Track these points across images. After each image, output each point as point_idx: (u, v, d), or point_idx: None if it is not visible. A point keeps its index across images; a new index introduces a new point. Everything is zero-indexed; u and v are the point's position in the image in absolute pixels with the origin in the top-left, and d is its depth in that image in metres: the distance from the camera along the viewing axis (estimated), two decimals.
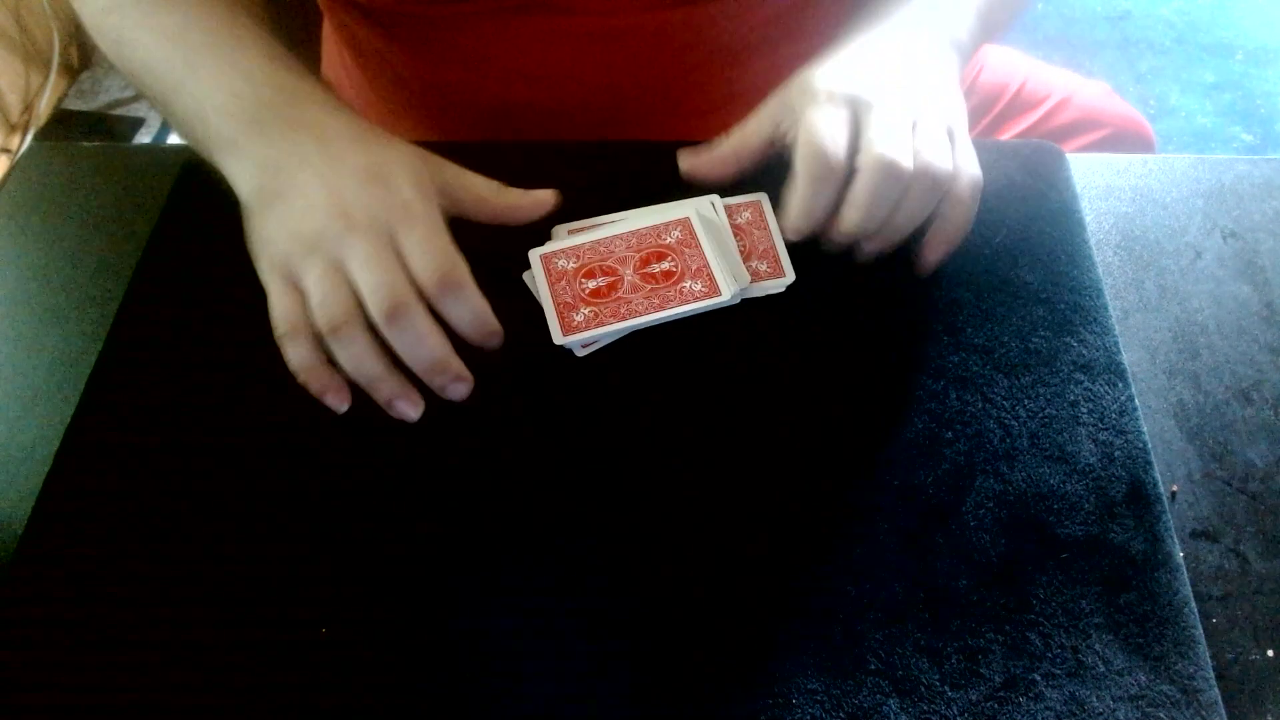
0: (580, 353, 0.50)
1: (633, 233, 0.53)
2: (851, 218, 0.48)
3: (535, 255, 0.52)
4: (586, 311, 0.50)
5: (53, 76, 1.69)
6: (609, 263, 0.52)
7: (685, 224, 0.52)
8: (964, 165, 0.50)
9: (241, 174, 0.48)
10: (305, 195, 0.46)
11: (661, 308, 0.50)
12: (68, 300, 0.55)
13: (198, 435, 0.48)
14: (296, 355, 0.46)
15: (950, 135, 0.50)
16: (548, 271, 0.52)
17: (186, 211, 0.57)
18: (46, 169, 0.62)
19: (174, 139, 1.70)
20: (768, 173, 0.54)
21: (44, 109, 1.69)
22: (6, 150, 1.62)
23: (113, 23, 0.54)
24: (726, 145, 0.53)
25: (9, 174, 0.62)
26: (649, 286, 0.51)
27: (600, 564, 0.44)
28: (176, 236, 0.56)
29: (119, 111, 1.74)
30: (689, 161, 0.54)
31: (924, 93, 0.50)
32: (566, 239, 0.53)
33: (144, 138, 1.69)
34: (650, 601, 0.43)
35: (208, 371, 0.50)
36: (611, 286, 0.51)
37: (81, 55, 1.80)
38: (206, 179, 0.60)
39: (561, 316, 0.50)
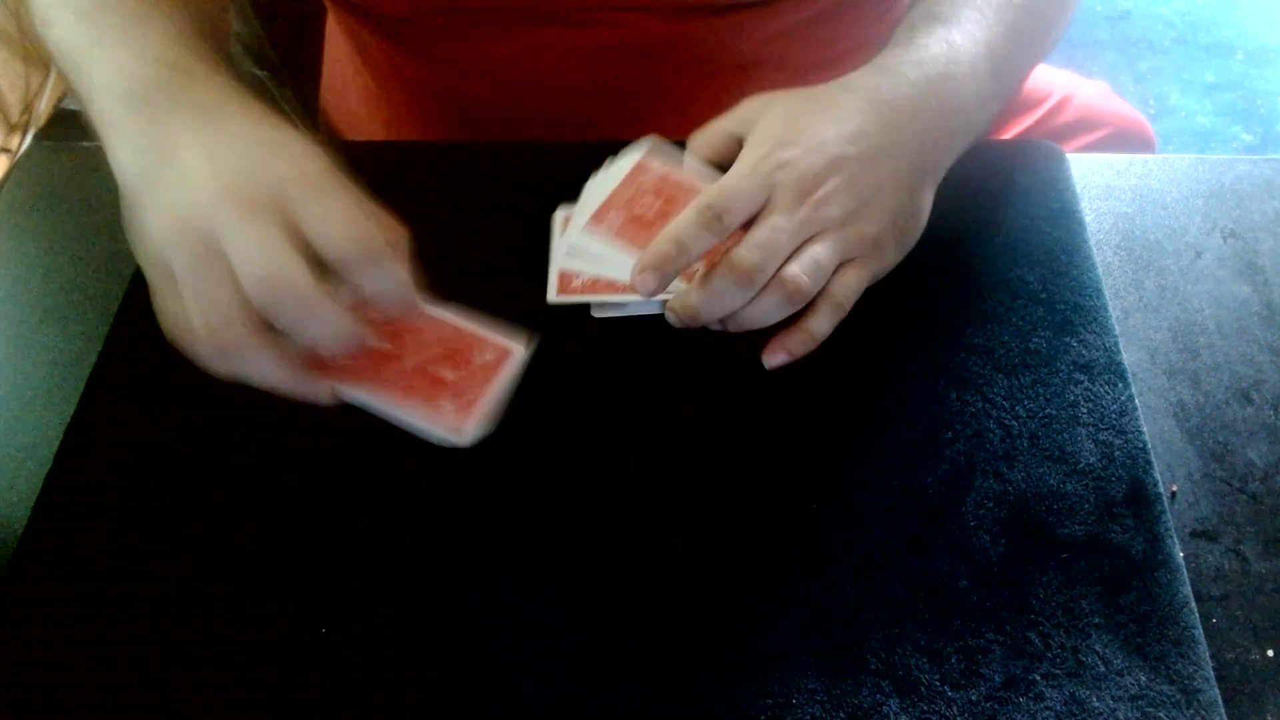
0: (554, 299, 0.50)
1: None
2: (689, 299, 0.46)
3: (562, 209, 0.53)
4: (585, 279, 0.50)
5: (53, 76, 1.69)
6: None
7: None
8: (838, 290, 0.47)
9: (121, 157, 0.42)
10: (184, 174, 0.40)
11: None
12: (68, 300, 0.55)
13: (197, 435, 0.48)
14: (208, 360, 0.40)
15: (851, 249, 0.47)
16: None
17: None
18: (46, 169, 0.62)
19: None
20: None
21: (44, 109, 1.69)
22: (6, 150, 1.62)
23: (38, 1, 0.50)
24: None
25: (9, 174, 0.62)
26: None
27: (599, 563, 0.44)
28: None
29: None
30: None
31: (867, 192, 0.47)
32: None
33: None
34: (649, 601, 0.43)
35: (207, 371, 0.50)
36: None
37: None
38: None
39: (561, 277, 0.51)
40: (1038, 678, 0.40)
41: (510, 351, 0.47)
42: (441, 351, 0.46)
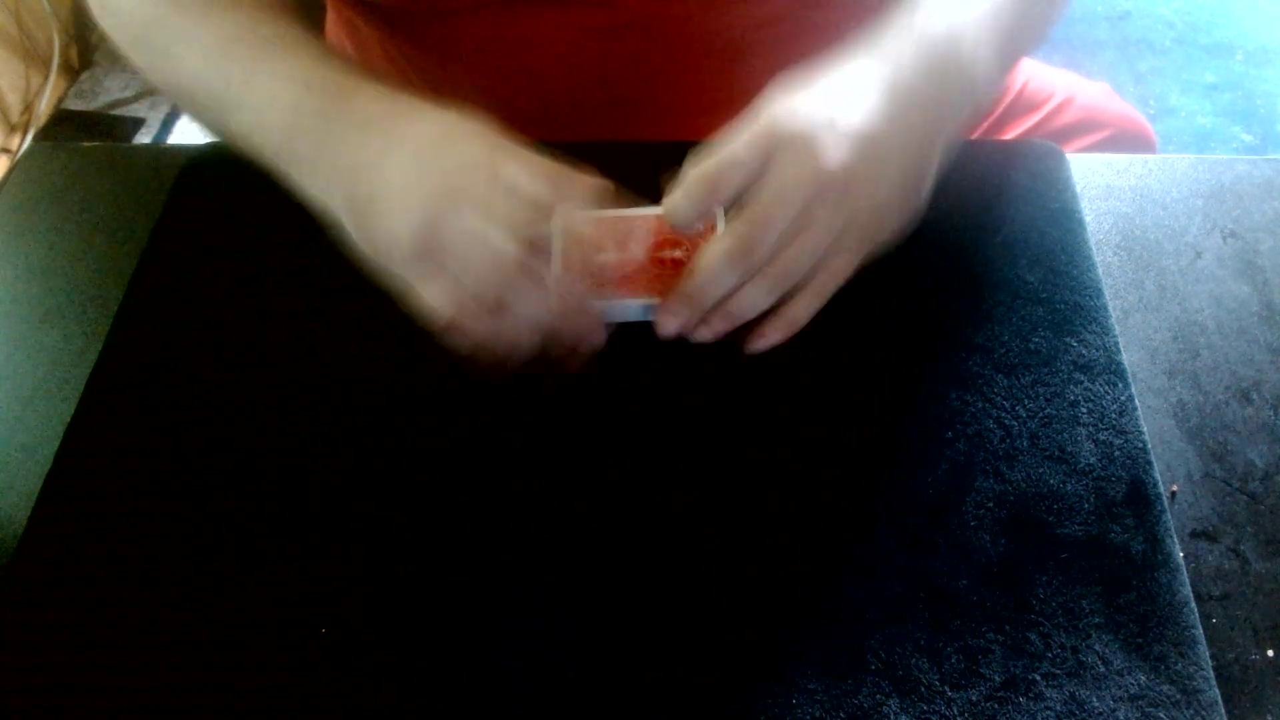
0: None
1: (658, 216, 0.53)
2: (684, 286, 0.46)
3: (560, 213, 0.52)
4: (587, 280, 0.50)
5: (53, 76, 1.69)
6: (626, 240, 0.52)
7: (710, 219, 0.53)
8: (822, 278, 0.46)
9: (312, 189, 0.48)
10: (393, 193, 0.45)
11: (661, 294, 0.50)
12: (68, 300, 0.55)
13: (197, 435, 0.48)
14: (472, 336, 0.45)
15: (844, 235, 0.46)
16: (567, 232, 0.52)
17: (186, 211, 0.57)
18: (46, 169, 0.62)
19: (174, 139, 1.70)
20: None
21: (44, 109, 1.69)
22: (6, 150, 1.62)
23: (156, 36, 0.52)
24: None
25: (9, 174, 0.62)
26: (655, 271, 0.51)
27: (600, 564, 0.44)
28: (176, 236, 0.56)
29: (119, 111, 1.74)
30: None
31: (865, 178, 0.45)
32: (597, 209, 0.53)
33: (144, 138, 1.69)
34: (650, 602, 0.43)
35: (207, 371, 0.50)
36: (621, 263, 0.51)
37: (81, 55, 1.80)
38: (206, 179, 0.60)
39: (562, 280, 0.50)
40: (1038, 678, 0.40)
41: (715, 213, 0.50)
42: (658, 238, 0.50)
